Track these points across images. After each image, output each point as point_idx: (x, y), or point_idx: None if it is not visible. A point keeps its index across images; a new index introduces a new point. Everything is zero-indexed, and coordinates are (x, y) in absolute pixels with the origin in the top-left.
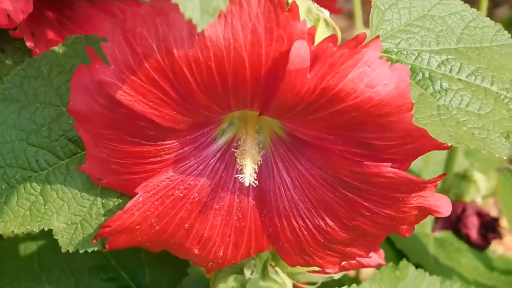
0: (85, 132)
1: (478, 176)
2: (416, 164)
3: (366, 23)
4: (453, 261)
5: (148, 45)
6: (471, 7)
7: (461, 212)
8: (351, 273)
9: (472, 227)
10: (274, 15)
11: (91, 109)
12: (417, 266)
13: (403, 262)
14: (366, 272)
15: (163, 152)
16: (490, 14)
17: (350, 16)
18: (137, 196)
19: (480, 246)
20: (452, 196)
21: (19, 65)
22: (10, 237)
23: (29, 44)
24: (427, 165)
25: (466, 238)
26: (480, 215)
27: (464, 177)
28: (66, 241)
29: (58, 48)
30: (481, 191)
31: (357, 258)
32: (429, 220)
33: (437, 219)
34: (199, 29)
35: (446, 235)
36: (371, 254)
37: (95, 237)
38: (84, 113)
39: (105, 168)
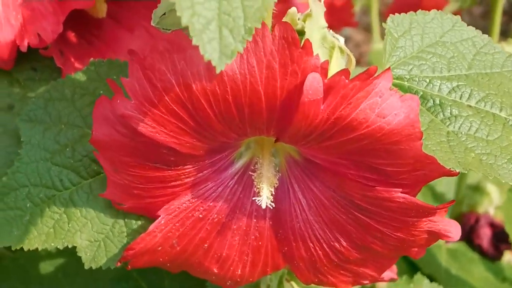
0: (106, 160)
1: (491, 188)
2: None
3: (384, 36)
4: (465, 272)
5: (167, 79)
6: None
7: (474, 223)
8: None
9: (485, 238)
10: (288, 52)
11: (113, 139)
12: (429, 277)
13: (417, 276)
14: (381, 285)
15: (183, 176)
16: (506, 28)
17: (367, 29)
18: (159, 218)
19: (492, 257)
20: (465, 207)
21: (48, 83)
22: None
23: (58, 63)
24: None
25: (478, 249)
26: (493, 226)
27: (478, 188)
28: (89, 258)
29: (81, 72)
30: (494, 203)
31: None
32: None
33: None
34: (217, 71)
35: (458, 245)
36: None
37: (119, 259)
38: (106, 142)
39: (127, 194)
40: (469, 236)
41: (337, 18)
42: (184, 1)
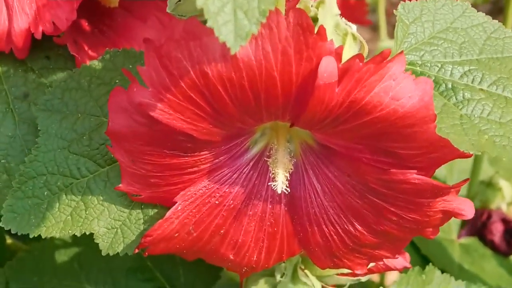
0: (122, 152)
1: (503, 183)
2: (441, 172)
3: (390, 35)
4: (477, 267)
5: (184, 67)
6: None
7: (486, 218)
8: (375, 278)
9: (497, 234)
10: (302, 37)
11: (131, 129)
12: (442, 271)
13: (429, 267)
14: (390, 278)
15: (200, 163)
16: None
17: (374, 28)
18: (176, 204)
19: (504, 252)
20: (478, 203)
21: (62, 72)
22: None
23: (72, 51)
24: (451, 174)
25: (491, 244)
26: (505, 221)
27: (490, 184)
28: (107, 245)
29: (98, 62)
30: (506, 199)
31: (384, 261)
32: (455, 227)
33: (462, 225)
34: (232, 52)
35: (471, 241)
36: (397, 257)
37: (137, 246)
38: (123, 133)
39: (144, 184)
40: (481, 232)
41: (350, 15)
42: None
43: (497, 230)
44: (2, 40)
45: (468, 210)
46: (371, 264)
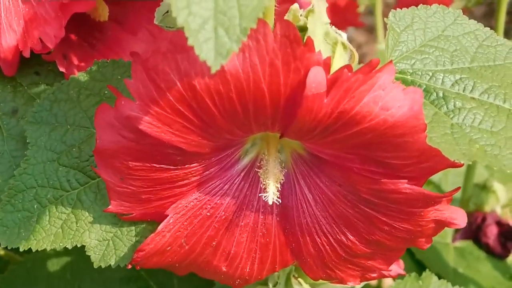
0: (109, 171)
1: (497, 186)
2: (436, 175)
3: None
4: (472, 270)
5: (171, 80)
6: (487, 26)
7: (481, 221)
8: (373, 282)
9: (492, 236)
10: (290, 49)
11: (119, 144)
12: (437, 275)
13: (426, 273)
14: (387, 282)
15: (190, 175)
16: (509, 28)
17: (369, 30)
18: (168, 218)
19: (499, 255)
20: (472, 206)
21: (51, 87)
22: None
23: (61, 68)
24: (446, 176)
25: (486, 247)
26: (500, 224)
27: (484, 187)
28: (98, 257)
29: (86, 73)
30: (500, 201)
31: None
32: (449, 230)
33: (457, 229)
34: (213, 70)
35: (466, 244)
36: (391, 269)
37: (129, 260)
38: (112, 149)
39: (135, 201)
40: (476, 235)
41: (341, 18)
42: (180, 1)
43: (491, 233)
44: None
45: (461, 219)
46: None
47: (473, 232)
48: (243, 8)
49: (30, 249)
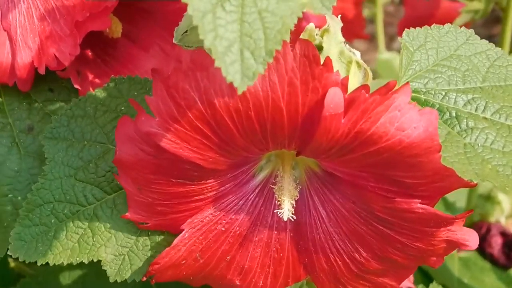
0: (129, 180)
1: (502, 197)
2: None
3: (388, 46)
4: (477, 281)
5: (191, 97)
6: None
7: (486, 232)
8: None
9: (496, 247)
10: (309, 69)
11: (137, 157)
12: (442, 286)
13: (433, 284)
14: None
15: (206, 190)
16: None
17: (371, 38)
18: (183, 232)
19: (504, 265)
20: (477, 216)
21: (66, 104)
22: None
23: (75, 84)
24: None
25: (490, 258)
26: (504, 235)
27: (489, 198)
28: (114, 271)
29: (103, 89)
30: (505, 212)
31: None
32: None
33: None
34: (239, 92)
35: (470, 254)
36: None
37: (144, 273)
38: (131, 162)
39: (151, 212)
40: (480, 245)
41: (348, 30)
42: (207, 24)
43: (496, 243)
44: (5, 73)
45: (473, 241)
46: None
47: (478, 242)
48: (268, 30)
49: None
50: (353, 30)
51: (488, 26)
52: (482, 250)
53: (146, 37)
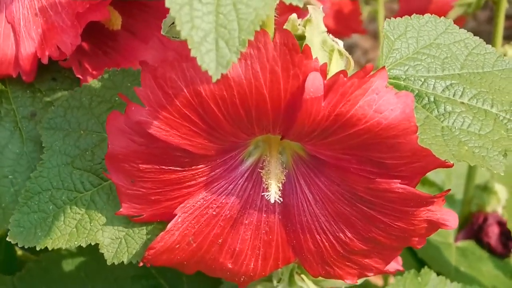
0: (120, 176)
1: (498, 187)
2: (439, 177)
3: None
4: (474, 270)
5: (178, 86)
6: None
7: (483, 221)
8: (379, 282)
9: (493, 236)
10: (289, 57)
11: (130, 149)
12: (439, 275)
13: (425, 269)
14: (392, 281)
15: (197, 176)
16: (510, 33)
17: (375, 36)
18: (176, 217)
19: (501, 254)
20: (474, 206)
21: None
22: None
23: (77, 74)
24: (449, 178)
25: (487, 247)
26: (501, 224)
27: (486, 188)
28: (111, 254)
29: (97, 81)
30: (501, 202)
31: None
32: (451, 230)
33: (459, 229)
34: (214, 80)
35: (468, 244)
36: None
37: (141, 258)
38: (123, 154)
39: (145, 203)
40: (478, 235)
41: (345, 24)
42: (184, 15)
43: (493, 233)
44: (10, 64)
45: (452, 220)
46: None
47: (475, 232)
48: (242, 21)
49: (45, 250)
50: (350, 25)
51: (492, 22)
52: (480, 239)
53: (145, 28)
